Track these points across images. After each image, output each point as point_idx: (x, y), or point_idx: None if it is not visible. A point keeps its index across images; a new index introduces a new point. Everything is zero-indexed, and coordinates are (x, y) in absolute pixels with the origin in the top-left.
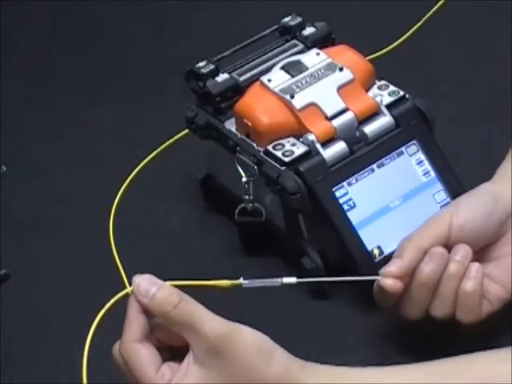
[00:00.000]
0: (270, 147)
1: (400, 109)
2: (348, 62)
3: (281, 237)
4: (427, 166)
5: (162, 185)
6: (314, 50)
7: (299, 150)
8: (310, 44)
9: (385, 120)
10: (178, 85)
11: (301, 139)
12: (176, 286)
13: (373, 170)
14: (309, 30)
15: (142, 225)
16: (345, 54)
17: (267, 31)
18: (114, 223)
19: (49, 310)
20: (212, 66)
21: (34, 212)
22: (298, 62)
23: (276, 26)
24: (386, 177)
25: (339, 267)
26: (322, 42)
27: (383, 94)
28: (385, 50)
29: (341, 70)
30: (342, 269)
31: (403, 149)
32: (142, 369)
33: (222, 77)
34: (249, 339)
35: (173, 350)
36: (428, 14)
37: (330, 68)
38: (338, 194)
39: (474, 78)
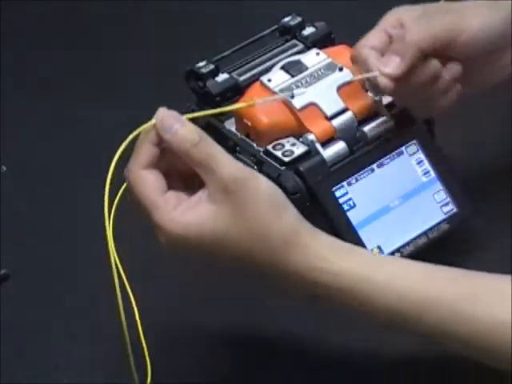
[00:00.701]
0: (269, 147)
1: (400, 109)
2: (348, 62)
3: None
4: (427, 165)
5: None
6: (314, 50)
7: (299, 149)
8: (310, 44)
9: (384, 120)
10: (178, 85)
11: (301, 139)
12: (192, 119)
13: (373, 170)
14: (309, 30)
15: (142, 225)
16: (345, 54)
17: (267, 31)
18: (113, 223)
19: (49, 310)
20: (212, 66)
21: (34, 212)
22: (298, 62)
23: (276, 26)
24: (386, 177)
25: None
26: (322, 41)
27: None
28: None
29: (341, 69)
30: None
31: (403, 149)
32: (145, 193)
33: (222, 77)
34: (263, 189)
35: (183, 181)
36: None
37: (330, 68)
38: (337, 193)
39: None
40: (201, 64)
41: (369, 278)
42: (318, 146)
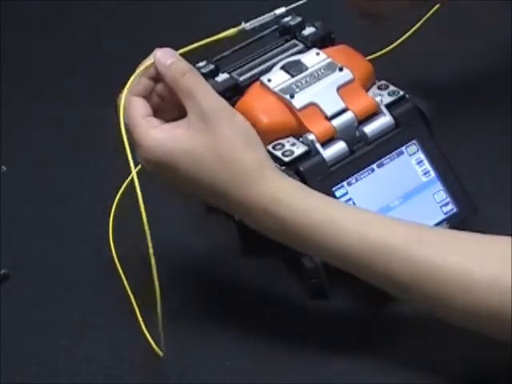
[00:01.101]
0: (269, 147)
1: (400, 109)
2: (348, 62)
3: None
4: (427, 165)
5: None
6: (314, 50)
7: (299, 149)
8: (310, 44)
9: (385, 120)
10: None
11: (301, 139)
12: (183, 53)
13: (373, 170)
14: (309, 30)
15: (142, 225)
16: (345, 54)
17: (267, 31)
18: (113, 223)
19: (49, 310)
20: (212, 66)
21: (34, 212)
22: (298, 62)
23: (276, 26)
24: (386, 177)
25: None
26: (322, 41)
27: (383, 94)
28: (385, 50)
29: (341, 69)
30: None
31: (403, 149)
32: (130, 114)
33: (222, 77)
34: (239, 123)
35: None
36: (428, 14)
37: (330, 68)
38: (337, 193)
39: (474, 77)
40: (201, 64)
41: (325, 219)
42: (318, 145)
